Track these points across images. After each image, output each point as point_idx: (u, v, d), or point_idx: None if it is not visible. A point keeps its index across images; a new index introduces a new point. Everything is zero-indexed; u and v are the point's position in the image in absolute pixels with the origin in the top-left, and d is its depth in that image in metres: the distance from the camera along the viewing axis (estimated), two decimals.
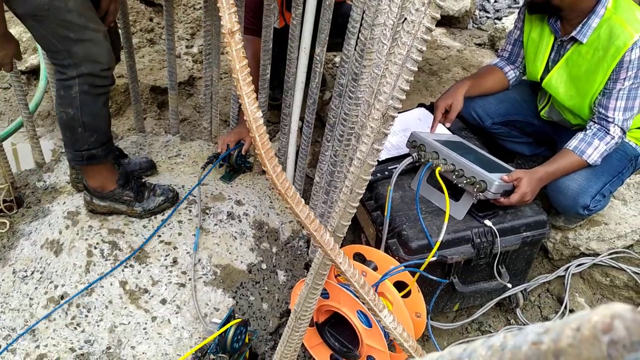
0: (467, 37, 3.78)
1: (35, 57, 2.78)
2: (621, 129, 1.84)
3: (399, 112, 2.37)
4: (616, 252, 2.14)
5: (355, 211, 1.09)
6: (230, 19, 0.88)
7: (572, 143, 1.88)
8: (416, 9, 0.83)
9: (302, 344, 1.71)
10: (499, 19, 3.98)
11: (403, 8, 0.99)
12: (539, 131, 2.26)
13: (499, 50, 2.30)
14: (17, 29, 2.83)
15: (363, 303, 1.40)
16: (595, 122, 1.88)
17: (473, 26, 3.98)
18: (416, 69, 0.87)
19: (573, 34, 1.86)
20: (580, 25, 1.83)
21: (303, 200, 1.04)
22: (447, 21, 3.85)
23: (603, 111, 1.85)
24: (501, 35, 3.47)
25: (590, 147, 1.85)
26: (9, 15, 2.88)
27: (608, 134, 1.84)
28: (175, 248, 1.85)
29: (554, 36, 1.96)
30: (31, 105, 2.42)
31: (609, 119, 1.84)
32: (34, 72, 2.79)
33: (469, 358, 0.34)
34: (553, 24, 1.93)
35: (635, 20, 1.76)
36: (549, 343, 0.27)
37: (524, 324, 2.04)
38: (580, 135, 1.88)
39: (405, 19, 0.90)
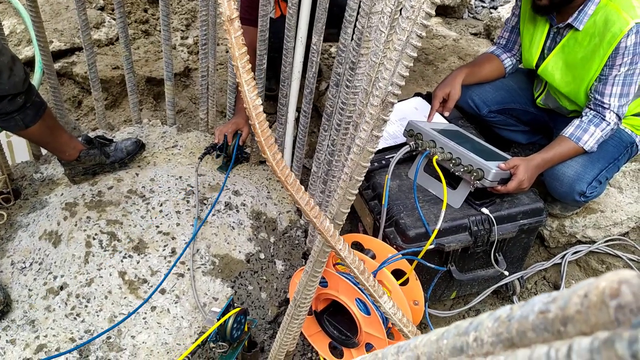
0: (463, 27, 3.78)
1: (30, 48, 2.76)
2: (617, 115, 1.85)
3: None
4: (612, 240, 2.15)
5: (354, 198, 1.10)
6: (229, 6, 0.88)
7: (568, 130, 1.88)
8: None
9: (301, 333, 1.72)
10: (495, 8, 3.98)
11: None
12: (536, 119, 2.27)
13: (496, 38, 2.30)
14: (10, 21, 2.81)
15: (362, 290, 1.41)
16: (591, 109, 1.89)
17: (469, 16, 3.98)
18: (415, 55, 0.87)
19: (569, 20, 1.86)
20: (577, 12, 1.84)
21: (303, 188, 1.04)
22: (443, 11, 3.84)
23: (599, 97, 1.86)
24: (497, 24, 3.47)
25: (586, 134, 1.85)
26: (3, 6, 2.87)
27: (604, 120, 1.85)
28: (173, 238, 1.85)
29: (550, 23, 1.96)
30: None
31: (605, 105, 1.85)
32: (29, 64, 2.78)
33: (475, 330, 0.35)
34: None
35: (631, 7, 1.77)
36: (556, 311, 0.27)
37: None
38: (576, 122, 1.89)
39: (403, 6, 0.90)
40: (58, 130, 1.87)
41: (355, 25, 1.41)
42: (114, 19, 2.89)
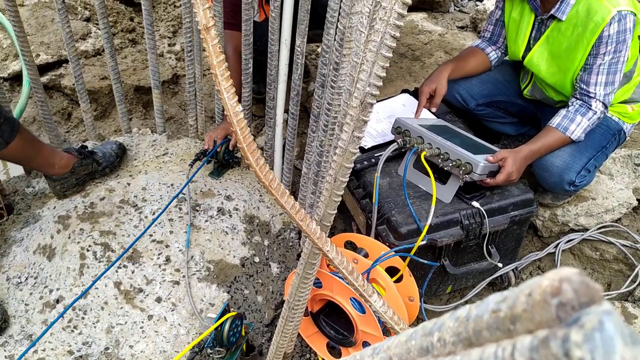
0: (449, 21, 3.78)
1: (17, 63, 2.76)
2: (603, 103, 1.86)
3: (383, 99, 2.37)
4: (605, 227, 2.17)
5: (340, 199, 1.10)
6: (205, 14, 0.89)
7: (555, 120, 1.89)
8: None
9: (299, 334, 1.72)
10: (480, 0, 3.98)
11: None
12: (523, 110, 2.28)
13: (480, 32, 2.31)
14: None
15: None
16: (577, 98, 1.90)
17: (454, 9, 3.98)
18: (390, 55, 0.88)
19: (552, 11, 1.87)
20: (559, 2, 1.85)
21: (288, 191, 1.05)
22: (429, 5, 3.85)
23: (584, 87, 1.87)
24: (483, 17, 3.48)
25: (573, 124, 1.86)
26: None
27: (590, 109, 1.86)
28: (167, 246, 1.85)
29: (534, 14, 1.97)
30: (16, 111, 2.41)
31: (591, 95, 1.86)
32: (16, 78, 2.78)
33: (438, 330, 0.35)
34: (533, 2, 1.94)
35: None
36: (505, 310, 0.28)
37: None
38: (562, 112, 1.89)
39: (380, 6, 0.91)
40: (38, 143, 1.87)
41: (337, 26, 1.42)
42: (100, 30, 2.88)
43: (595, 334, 0.22)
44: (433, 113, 2.14)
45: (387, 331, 1.60)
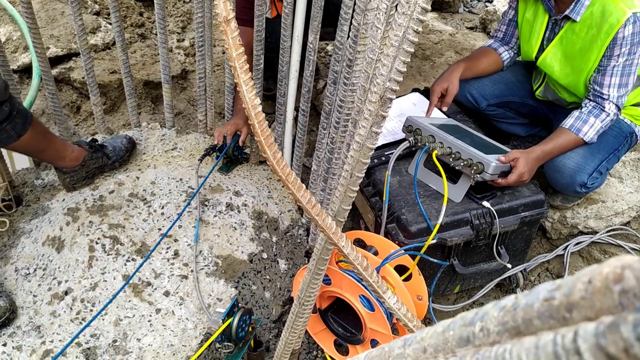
0: (459, 21, 3.78)
1: (27, 55, 2.76)
2: (616, 105, 1.85)
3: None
4: (614, 230, 2.16)
5: (355, 195, 1.10)
6: (225, 6, 0.88)
7: (568, 121, 1.89)
8: None
9: (306, 331, 1.72)
10: (490, 1, 3.97)
11: None
12: (535, 111, 2.27)
13: (493, 31, 2.30)
14: (7, 28, 2.81)
15: (366, 287, 1.42)
16: (590, 100, 1.89)
17: (464, 10, 3.98)
18: (412, 50, 0.88)
19: (566, 12, 1.86)
20: (573, 3, 1.84)
21: (304, 186, 1.04)
22: (439, 6, 3.84)
23: (598, 88, 1.86)
24: (492, 17, 3.47)
25: (586, 125, 1.86)
26: None
27: (603, 111, 1.85)
28: (176, 240, 1.85)
29: (548, 15, 1.96)
30: (25, 103, 2.41)
31: (604, 96, 1.85)
32: (26, 71, 2.78)
33: (481, 320, 0.35)
34: (547, 3, 1.94)
35: None
36: (561, 298, 0.28)
37: None
38: (575, 113, 1.89)
39: (399, 1, 0.90)
40: (50, 135, 1.87)
41: (351, 23, 1.41)
42: (110, 24, 2.89)
43: None
44: (444, 112, 2.13)
45: (395, 329, 1.59)
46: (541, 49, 2.02)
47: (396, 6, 0.93)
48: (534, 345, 0.27)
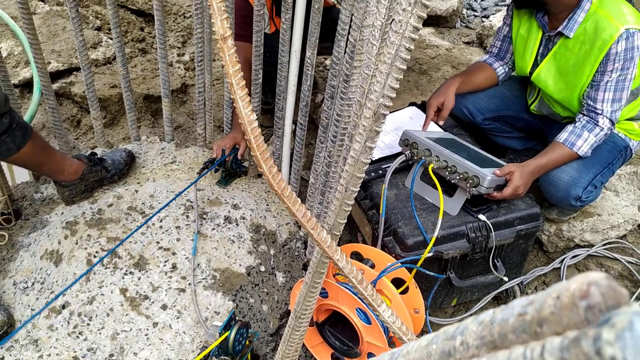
0: (456, 36, 3.81)
1: (28, 70, 2.79)
2: (610, 120, 1.87)
3: (390, 112, 2.39)
4: (610, 243, 2.17)
5: (351, 209, 1.11)
6: (222, 24, 0.90)
7: (562, 136, 1.90)
8: (403, 9, 0.85)
9: (303, 344, 1.72)
10: (487, 17, 4.02)
11: (390, 9, 1.02)
12: (530, 125, 2.29)
13: (488, 47, 2.33)
14: (8, 43, 2.84)
15: (362, 299, 1.43)
16: (584, 114, 1.91)
17: (461, 25, 4.02)
18: (405, 68, 0.89)
19: (560, 28, 1.89)
20: (567, 20, 1.87)
21: (299, 200, 1.06)
22: (435, 21, 3.88)
23: (591, 103, 1.88)
24: (489, 33, 3.51)
25: (580, 139, 1.87)
26: (0, 28, 2.89)
27: (597, 125, 1.87)
28: (174, 254, 1.86)
29: (542, 31, 1.99)
30: (26, 117, 2.43)
31: (598, 111, 1.87)
32: (27, 85, 2.81)
33: (461, 335, 0.36)
34: (541, 19, 1.96)
35: (620, 14, 1.79)
36: (532, 313, 0.29)
37: None
38: (569, 127, 1.91)
39: (393, 19, 0.92)
40: (50, 149, 1.89)
41: (347, 39, 1.43)
42: (111, 39, 2.92)
43: (625, 333, 0.22)
44: (440, 126, 2.15)
45: (392, 342, 1.60)
46: (535, 65, 2.05)
47: (391, 23, 0.95)
48: (507, 358, 0.28)
